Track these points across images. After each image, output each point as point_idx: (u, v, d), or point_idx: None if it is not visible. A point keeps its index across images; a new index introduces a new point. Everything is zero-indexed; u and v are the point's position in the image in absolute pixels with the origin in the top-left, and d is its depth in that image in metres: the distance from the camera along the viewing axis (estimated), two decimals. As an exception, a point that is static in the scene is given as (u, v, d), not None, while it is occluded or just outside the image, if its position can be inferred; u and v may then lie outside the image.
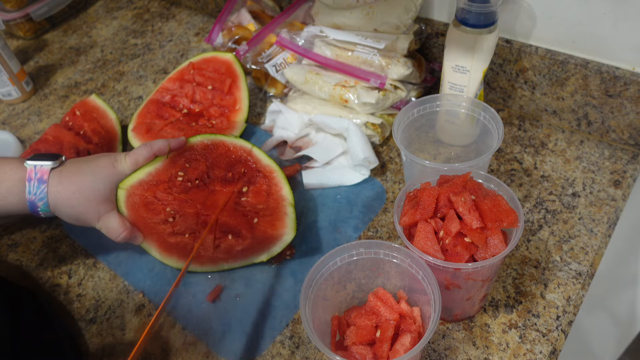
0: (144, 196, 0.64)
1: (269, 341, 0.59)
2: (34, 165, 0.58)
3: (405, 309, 0.51)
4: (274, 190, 0.67)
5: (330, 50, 0.79)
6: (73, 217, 0.61)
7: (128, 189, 0.63)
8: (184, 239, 0.64)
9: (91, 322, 0.63)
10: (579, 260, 0.61)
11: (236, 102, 0.82)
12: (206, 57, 0.85)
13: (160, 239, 0.64)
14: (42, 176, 0.57)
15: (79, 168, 0.60)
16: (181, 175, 0.66)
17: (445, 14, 0.79)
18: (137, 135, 0.80)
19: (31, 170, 0.58)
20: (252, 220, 0.64)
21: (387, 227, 0.68)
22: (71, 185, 0.59)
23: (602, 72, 0.67)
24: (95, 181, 0.60)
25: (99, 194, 0.60)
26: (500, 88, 0.78)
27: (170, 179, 0.65)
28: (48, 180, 0.58)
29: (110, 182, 0.62)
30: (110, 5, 1.23)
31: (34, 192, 0.57)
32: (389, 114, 0.78)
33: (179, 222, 0.64)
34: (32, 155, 0.60)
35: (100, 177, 0.61)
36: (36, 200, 0.58)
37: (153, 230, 0.64)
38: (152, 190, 0.64)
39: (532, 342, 0.55)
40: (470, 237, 0.48)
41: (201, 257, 0.64)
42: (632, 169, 0.69)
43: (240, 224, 0.64)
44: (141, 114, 0.83)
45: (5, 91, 0.96)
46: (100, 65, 1.04)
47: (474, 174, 0.54)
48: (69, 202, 0.59)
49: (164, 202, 0.64)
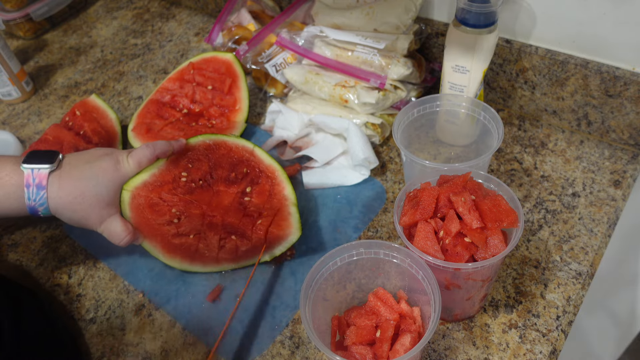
0: (149, 197, 0.63)
1: (269, 341, 0.59)
2: (31, 169, 0.56)
3: (405, 309, 0.51)
4: (276, 190, 0.67)
5: (330, 50, 0.79)
6: (75, 221, 0.60)
7: (132, 190, 0.63)
8: (188, 239, 0.64)
9: (91, 322, 0.63)
10: (579, 260, 0.61)
11: (236, 102, 0.82)
12: (206, 57, 0.85)
13: (164, 240, 0.64)
14: (41, 182, 0.56)
15: (81, 172, 0.58)
16: (185, 176, 0.66)
17: (445, 14, 0.79)
18: (137, 135, 0.80)
19: (29, 176, 0.56)
20: (256, 220, 0.65)
21: (387, 227, 0.68)
22: (74, 190, 0.57)
23: (602, 72, 0.67)
24: (97, 185, 0.58)
25: (102, 198, 0.59)
26: (500, 88, 0.78)
27: (174, 180, 0.65)
28: (47, 186, 0.56)
29: (114, 185, 0.60)
30: (110, 5, 1.23)
31: (34, 198, 0.56)
32: (389, 114, 0.78)
33: (184, 223, 0.64)
34: (28, 153, 0.59)
35: (103, 181, 0.59)
36: (36, 206, 0.57)
37: (157, 231, 0.64)
38: (157, 192, 0.64)
39: (532, 342, 0.55)
40: (470, 237, 0.48)
41: (205, 258, 0.64)
42: (632, 169, 0.69)
43: (244, 225, 0.64)
44: (141, 114, 0.83)
45: (5, 91, 0.96)
46: (100, 65, 1.04)
47: (474, 174, 0.54)
48: (71, 207, 0.57)
49: (169, 203, 0.64)
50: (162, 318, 0.62)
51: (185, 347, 0.59)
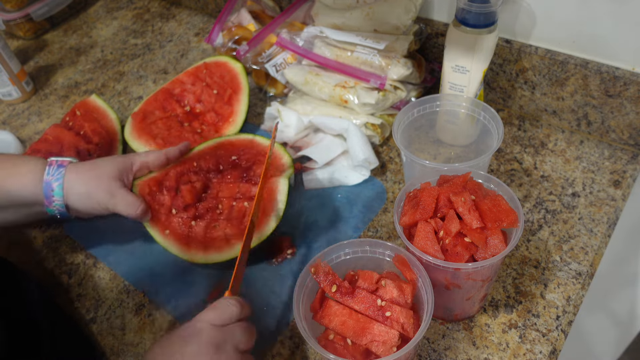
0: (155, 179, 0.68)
1: (269, 341, 0.59)
2: (56, 159, 0.64)
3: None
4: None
5: (330, 50, 0.79)
6: (84, 195, 0.62)
7: (139, 183, 0.67)
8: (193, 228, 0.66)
9: (91, 322, 0.63)
10: (579, 260, 0.61)
11: (232, 114, 0.82)
12: (219, 61, 0.85)
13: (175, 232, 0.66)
14: (62, 163, 0.63)
15: (94, 162, 0.66)
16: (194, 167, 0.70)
17: (445, 14, 0.79)
18: (133, 121, 0.83)
19: (53, 160, 0.63)
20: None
21: (387, 227, 0.68)
22: (86, 169, 0.63)
23: (602, 72, 0.67)
24: (105, 161, 0.65)
25: (112, 173, 0.64)
26: (500, 88, 0.78)
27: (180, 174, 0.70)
28: (66, 166, 0.63)
29: (124, 163, 0.65)
30: (110, 5, 1.23)
31: (52, 174, 0.61)
32: (389, 114, 0.78)
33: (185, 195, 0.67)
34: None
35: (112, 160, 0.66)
36: (52, 181, 0.61)
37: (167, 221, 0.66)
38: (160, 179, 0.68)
39: (532, 342, 0.55)
40: (470, 237, 0.48)
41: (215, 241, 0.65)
42: (632, 169, 0.69)
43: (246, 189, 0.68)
44: (149, 101, 0.85)
45: (6, 91, 0.96)
46: (101, 65, 1.04)
47: (474, 174, 0.54)
48: (82, 180, 0.62)
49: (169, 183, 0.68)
50: (162, 318, 0.62)
51: (185, 347, 0.59)
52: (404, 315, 0.46)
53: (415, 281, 0.49)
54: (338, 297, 0.48)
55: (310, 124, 0.77)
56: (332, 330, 0.48)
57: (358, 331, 0.46)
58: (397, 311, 0.46)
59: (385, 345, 0.45)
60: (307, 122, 0.77)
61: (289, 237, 0.68)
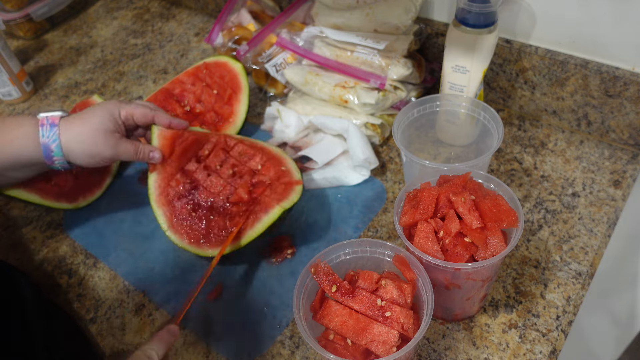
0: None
1: (269, 341, 0.59)
2: (45, 116, 0.64)
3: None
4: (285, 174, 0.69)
5: (330, 50, 0.79)
6: (87, 153, 0.63)
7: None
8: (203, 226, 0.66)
9: (91, 322, 0.63)
10: (579, 260, 0.61)
11: (231, 115, 0.82)
12: (219, 61, 0.85)
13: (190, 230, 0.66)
14: (54, 121, 0.63)
15: (84, 113, 0.66)
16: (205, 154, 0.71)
17: (445, 14, 0.79)
18: None
19: (43, 119, 0.63)
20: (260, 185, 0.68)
21: (387, 227, 0.68)
22: (79, 122, 0.64)
23: (602, 72, 0.67)
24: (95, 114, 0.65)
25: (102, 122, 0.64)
26: (500, 88, 0.78)
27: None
28: (59, 125, 0.63)
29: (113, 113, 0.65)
30: (110, 5, 1.23)
31: (47, 135, 0.62)
32: (389, 115, 0.78)
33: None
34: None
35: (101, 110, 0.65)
36: (49, 143, 0.62)
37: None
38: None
39: (532, 342, 0.55)
40: (470, 237, 0.48)
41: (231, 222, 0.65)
42: (632, 169, 0.69)
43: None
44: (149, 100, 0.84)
45: (6, 91, 0.96)
46: (101, 65, 1.04)
47: (474, 174, 0.54)
48: (79, 137, 0.63)
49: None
50: (162, 318, 0.62)
51: (185, 346, 0.59)
52: (404, 315, 0.46)
53: (415, 281, 0.49)
54: (338, 297, 0.48)
55: (310, 124, 0.77)
56: (332, 330, 0.48)
57: (358, 331, 0.46)
58: (397, 311, 0.46)
59: (385, 345, 0.45)
60: (307, 122, 0.77)
61: (288, 237, 0.68)
